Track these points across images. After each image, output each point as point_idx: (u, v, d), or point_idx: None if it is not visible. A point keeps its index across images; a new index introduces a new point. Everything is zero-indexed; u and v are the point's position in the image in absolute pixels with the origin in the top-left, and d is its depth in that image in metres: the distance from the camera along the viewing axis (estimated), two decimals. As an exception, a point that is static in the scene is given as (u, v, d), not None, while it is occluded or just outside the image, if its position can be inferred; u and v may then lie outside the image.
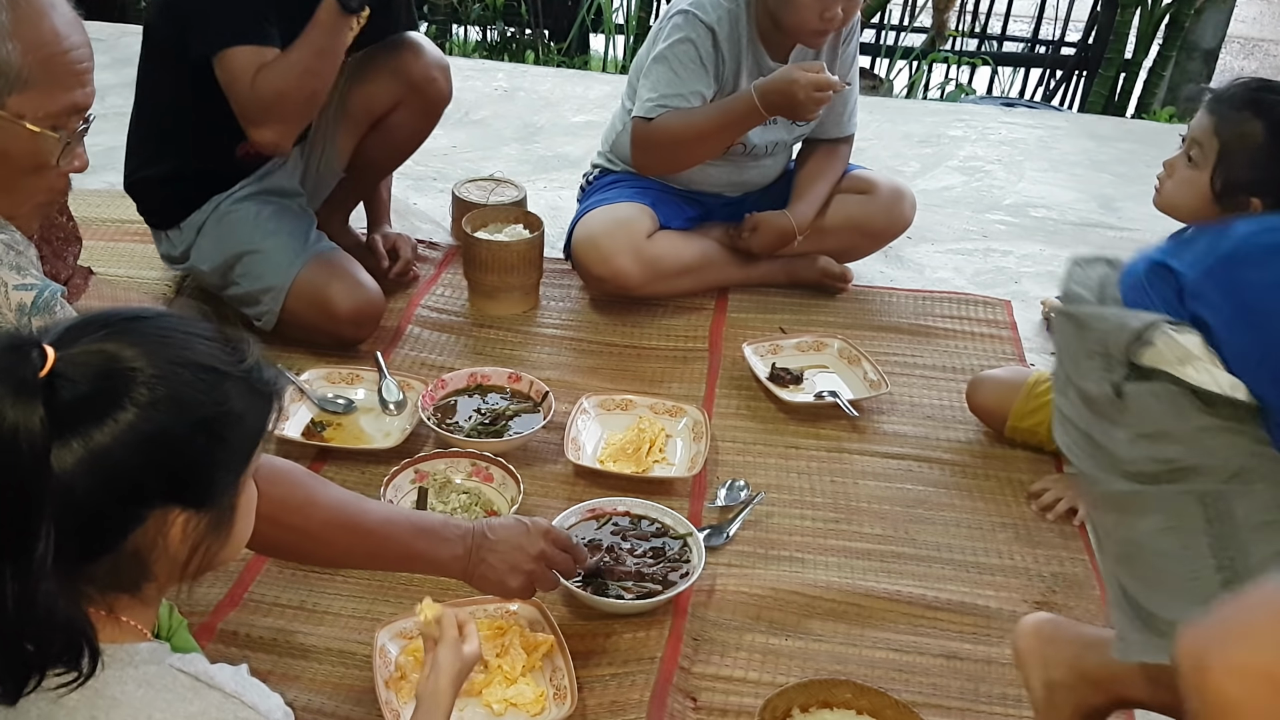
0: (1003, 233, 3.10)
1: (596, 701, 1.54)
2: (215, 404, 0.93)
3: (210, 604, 1.67)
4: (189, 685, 0.92)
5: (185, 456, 0.92)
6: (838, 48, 2.47)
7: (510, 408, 2.11)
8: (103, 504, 0.88)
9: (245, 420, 0.96)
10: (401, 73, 2.35)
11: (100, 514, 0.89)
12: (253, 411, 0.97)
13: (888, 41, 5.29)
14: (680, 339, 2.45)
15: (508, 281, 2.47)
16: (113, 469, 0.87)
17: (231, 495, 0.98)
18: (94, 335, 0.91)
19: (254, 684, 0.96)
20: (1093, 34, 5.21)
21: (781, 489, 2.01)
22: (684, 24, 2.31)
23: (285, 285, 2.20)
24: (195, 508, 0.93)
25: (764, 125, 2.41)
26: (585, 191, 2.64)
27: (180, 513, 0.92)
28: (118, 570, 0.92)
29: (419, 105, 2.38)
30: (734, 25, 2.33)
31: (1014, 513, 1.98)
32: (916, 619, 1.74)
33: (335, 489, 1.46)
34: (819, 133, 2.57)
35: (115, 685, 0.90)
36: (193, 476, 0.93)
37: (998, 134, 3.86)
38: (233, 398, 0.94)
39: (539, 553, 1.50)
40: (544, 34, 5.34)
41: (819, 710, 1.48)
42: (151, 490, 0.91)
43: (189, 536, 0.94)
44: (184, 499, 0.93)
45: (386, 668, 1.53)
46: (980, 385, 2.17)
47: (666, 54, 2.32)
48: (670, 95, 2.31)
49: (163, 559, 0.94)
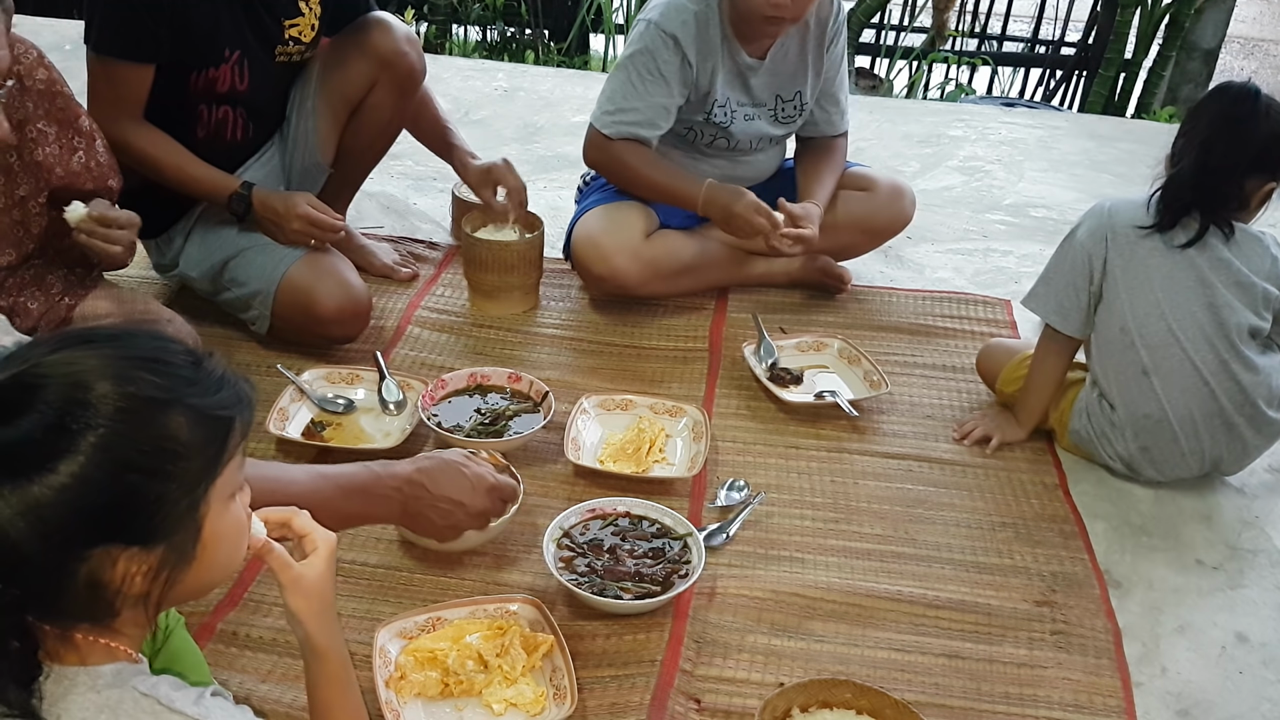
0: (1003, 233, 3.10)
1: (596, 703, 1.54)
2: (151, 441, 0.88)
3: (210, 604, 1.66)
4: (149, 710, 0.91)
5: (123, 498, 0.87)
6: (822, 50, 2.44)
7: (510, 408, 2.11)
8: (40, 550, 0.85)
9: (192, 449, 0.91)
10: (370, 51, 2.33)
11: (40, 558, 0.86)
12: (204, 439, 0.92)
13: (888, 41, 5.30)
14: (680, 339, 2.45)
15: (508, 281, 2.47)
16: (46, 518, 0.84)
17: (189, 525, 0.93)
18: (18, 370, 0.87)
19: (216, 705, 0.95)
20: (1093, 34, 5.22)
21: (781, 489, 2.00)
22: (645, 34, 2.29)
23: (272, 288, 2.20)
24: (140, 544, 0.89)
25: (745, 120, 2.43)
26: (583, 191, 2.65)
27: (122, 550, 0.89)
28: (77, 604, 0.90)
29: (392, 82, 2.36)
30: (702, 28, 2.30)
31: (1014, 512, 1.98)
32: (918, 619, 1.74)
33: (254, 463, 1.43)
34: (811, 130, 2.57)
35: (77, 710, 0.89)
36: (128, 515, 0.88)
37: (998, 134, 3.86)
38: (175, 429, 0.90)
39: (479, 512, 1.52)
40: (544, 34, 5.34)
41: (819, 710, 1.48)
42: (86, 535, 0.87)
43: (139, 573, 0.90)
44: (123, 537, 0.89)
45: (386, 668, 1.53)
46: (988, 350, 2.32)
47: (626, 64, 2.31)
48: (627, 109, 2.30)
49: (120, 594, 0.90)
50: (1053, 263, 2.09)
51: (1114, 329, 2.00)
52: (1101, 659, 1.69)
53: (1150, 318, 1.96)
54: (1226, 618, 1.81)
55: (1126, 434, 2.01)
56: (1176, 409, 1.96)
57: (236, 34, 2.15)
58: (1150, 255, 1.97)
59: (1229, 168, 1.91)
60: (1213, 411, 1.96)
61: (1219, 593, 1.86)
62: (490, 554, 1.80)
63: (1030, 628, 1.73)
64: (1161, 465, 2.03)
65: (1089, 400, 2.07)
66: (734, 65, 2.38)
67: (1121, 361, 2.00)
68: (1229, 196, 1.94)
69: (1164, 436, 1.99)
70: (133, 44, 2.05)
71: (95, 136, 1.93)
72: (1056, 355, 2.10)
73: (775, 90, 2.45)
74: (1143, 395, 1.98)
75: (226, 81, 2.17)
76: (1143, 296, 1.96)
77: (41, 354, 0.89)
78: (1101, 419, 2.05)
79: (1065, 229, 3.03)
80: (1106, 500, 2.04)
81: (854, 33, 5.03)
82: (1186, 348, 1.94)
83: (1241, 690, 1.67)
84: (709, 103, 2.40)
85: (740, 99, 2.43)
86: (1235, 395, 1.95)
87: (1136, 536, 1.97)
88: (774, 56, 2.40)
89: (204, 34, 2.11)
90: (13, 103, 1.72)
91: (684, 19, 2.29)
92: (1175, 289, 1.95)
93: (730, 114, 2.43)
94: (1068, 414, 2.11)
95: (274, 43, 2.22)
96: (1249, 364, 1.95)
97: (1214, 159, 1.90)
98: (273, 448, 2.02)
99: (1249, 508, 2.06)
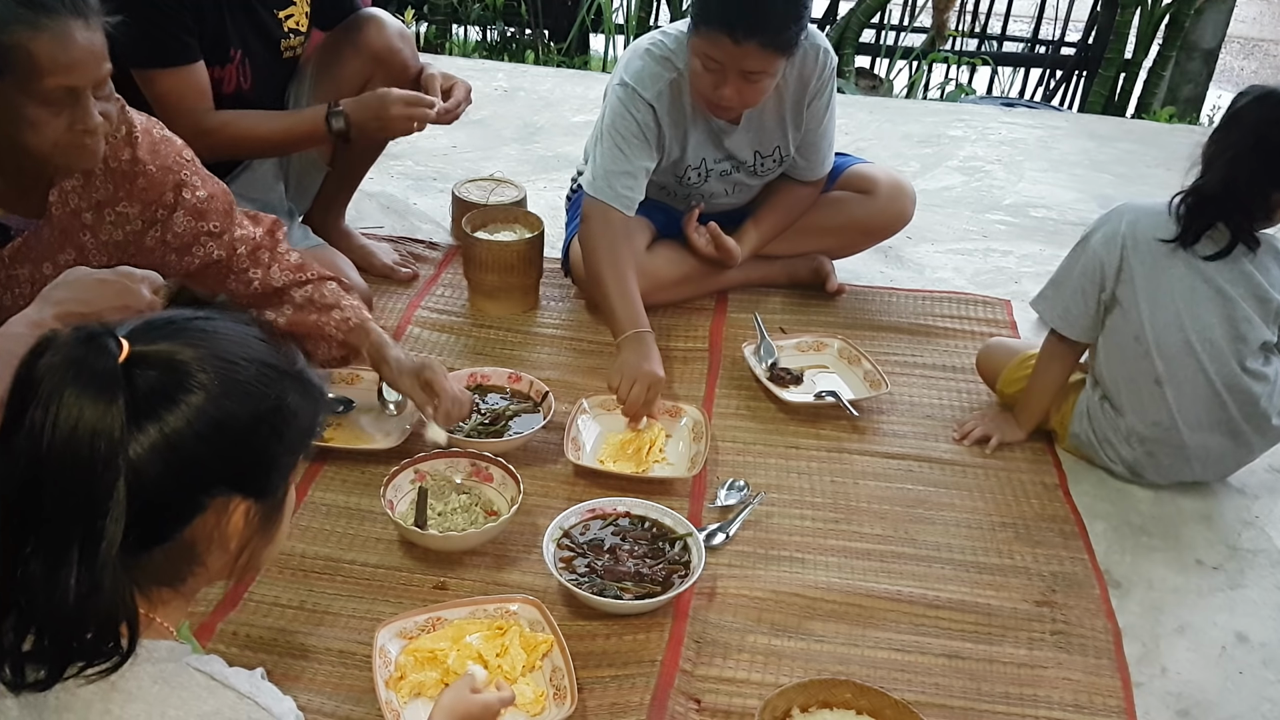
0: (1003, 233, 3.10)
1: (596, 703, 1.54)
2: (275, 397, 0.97)
3: (210, 604, 1.67)
4: (204, 684, 0.92)
5: (249, 445, 0.95)
6: (802, 107, 2.36)
7: (510, 408, 2.11)
8: (171, 490, 0.91)
9: (299, 416, 0.99)
10: (364, 48, 2.33)
11: (167, 500, 0.91)
12: (304, 409, 1.00)
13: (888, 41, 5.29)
14: (680, 339, 2.45)
15: (508, 281, 2.46)
16: (183, 455, 0.90)
17: (282, 491, 1.01)
18: (160, 330, 0.95)
19: (268, 687, 0.97)
20: (1093, 34, 5.21)
21: (781, 489, 2.00)
22: (625, 98, 2.25)
23: None
24: (255, 497, 0.97)
25: (722, 175, 2.41)
26: (573, 203, 2.59)
27: (241, 501, 0.96)
28: (171, 560, 0.95)
29: (386, 78, 2.35)
30: (675, 96, 2.26)
31: (1014, 513, 1.98)
32: (918, 619, 1.74)
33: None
34: (791, 173, 2.51)
35: (132, 680, 0.90)
36: (254, 465, 0.97)
37: (998, 134, 3.86)
38: (289, 393, 0.98)
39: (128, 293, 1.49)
40: (544, 34, 5.34)
41: (819, 710, 1.48)
42: (217, 477, 0.94)
43: (245, 527, 0.97)
44: (245, 487, 0.96)
45: (386, 668, 1.53)
46: (988, 350, 2.32)
47: (609, 130, 2.26)
48: (616, 172, 2.24)
49: (216, 550, 0.97)
50: (1064, 267, 2.08)
51: (1127, 337, 1.98)
52: (1101, 659, 1.69)
53: (1169, 329, 1.94)
54: (1226, 618, 1.81)
55: (1133, 440, 2.01)
56: (1187, 418, 1.96)
57: (239, 33, 2.15)
58: (1173, 266, 1.94)
59: (1260, 184, 1.88)
60: (1222, 420, 1.96)
61: (1219, 593, 1.86)
62: (490, 554, 1.80)
63: (1030, 628, 1.73)
64: (1166, 470, 2.03)
65: (1090, 403, 2.07)
66: (708, 128, 2.34)
67: (1134, 370, 1.98)
68: (1256, 210, 1.91)
69: (1171, 444, 1.99)
70: (177, 49, 2.05)
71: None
72: (1061, 359, 2.09)
73: (754, 147, 2.40)
74: (1154, 403, 1.97)
75: (232, 82, 2.18)
76: (1163, 307, 1.94)
77: (169, 321, 0.97)
78: (1104, 423, 2.04)
79: (1065, 229, 3.04)
80: (1106, 500, 2.04)
81: (854, 33, 5.03)
82: (1202, 359, 1.93)
83: (1241, 690, 1.67)
84: (681, 167, 2.38)
85: (716, 155, 2.39)
86: (1246, 406, 1.95)
87: (1136, 537, 1.97)
88: (749, 118, 2.34)
89: (213, 33, 2.11)
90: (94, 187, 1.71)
91: (660, 88, 2.24)
92: (1196, 301, 1.93)
93: (705, 174, 2.40)
94: (1069, 416, 2.10)
95: (276, 38, 2.22)
96: (1260, 375, 1.95)
97: (1244, 174, 1.87)
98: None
99: (1249, 508, 2.06)
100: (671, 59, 2.24)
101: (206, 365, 0.92)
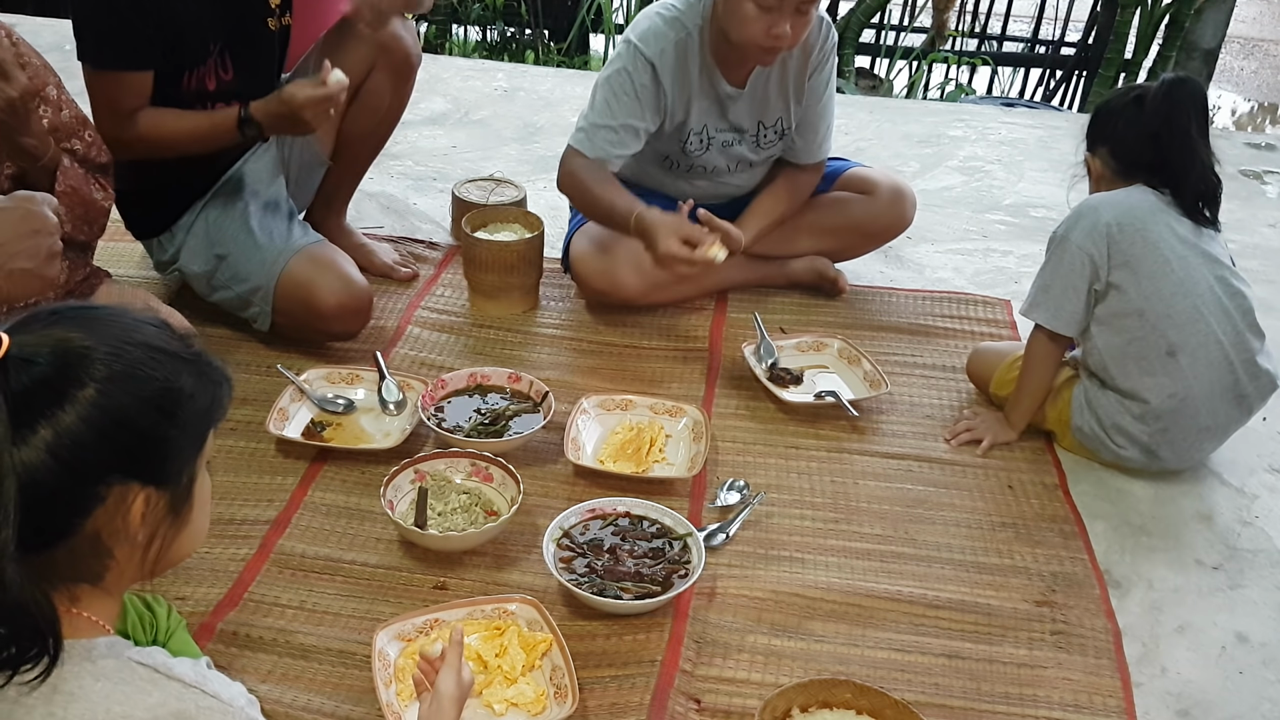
0: (1003, 233, 3.10)
1: (596, 703, 1.54)
2: (166, 380, 0.94)
3: (210, 604, 1.67)
4: (148, 677, 0.91)
5: (140, 431, 0.93)
6: (804, 78, 2.38)
7: (510, 408, 2.11)
8: (63, 482, 0.88)
9: (195, 399, 0.97)
10: (368, 36, 2.32)
11: (61, 492, 0.89)
12: (202, 393, 0.98)
13: (888, 41, 5.30)
14: (680, 339, 2.45)
15: (508, 281, 2.46)
16: (72, 446, 0.88)
17: (189, 476, 0.99)
18: (43, 322, 0.92)
19: (214, 675, 0.97)
20: (1093, 34, 5.22)
21: (781, 489, 2.01)
22: (625, 54, 2.27)
23: (272, 284, 2.19)
24: (155, 484, 0.95)
25: (724, 146, 2.41)
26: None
27: (139, 489, 0.93)
28: (79, 555, 0.93)
29: (389, 66, 2.37)
30: (681, 55, 2.27)
31: (1014, 513, 1.98)
32: (918, 619, 1.74)
33: None
34: (789, 155, 2.51)
35: (73, 680, 0.89)
36: (149, 451, 0.94)
37: (998, 134, 3.86)
38: (183, 377, 0.96)
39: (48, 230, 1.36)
40: (544, 34, 5.35)
41: (819, 710, 1.48)
42: (110, 466, 0.91)
43: (148, 516, 0.95)
44: (141, 475, 0.93)
45: (385, 670, 1.53)
46: (978, 354, 2.34)
47: (604, 82, 2.29)
48: (600, 125, 2.27)
49: (123, 541, 0.94)
50: (1047, 271, 2.08)
51: (1129, 318, 1.99)
52: (1101, 659, 1.69)
53: (1176, 297, 1.97)
54: (1226, 618, 1.81)
55: (1148, 418, 2.02)
56: (1202, 384, 1.99)
57: (217, 23, 2.12)
58: (1161, 239, 1.98)
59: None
60: (1229, 385, 2.00)
61: (1219, 593, 1.86)
62: (490, 554, 1.80)
63: (1030, 628, 1.73)
64: (1180, 449, 2.05)
65: (1090, 394, 2.07)
66: (713, 94, 2.34)
67: (1143, 347, 2.00)
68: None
69: (1187, 414, 2.00)
70: (128, 52, 2.03)
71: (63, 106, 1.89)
72: (1051, 356, 2.11)
73: (757, 116, 2.40)
74: (1169, 375, 1.99)
75: (212, 78, 2.17)
76: (1164, 279, 1.97)
77: (53, 312, 0.94)
78: (1112, 410, 2.04)
79: (1065, 229, 3.01)
80: (1106, 500, 2.05)
81: (854, 33, 5.04)
82: (1210, 322, 1.97)
83: (1241, 690, 1.67)
84: (684, 132, 2.37)
85: (719, 125, 2.39)
86: (1250, 366, 2.00)
87: (1136, 536, 1.97)
88: (754, 84, 2.35)
89: (190, 29, 2.07)
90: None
91: (663, 46, 2.25)
92: (1190, 267, 1.97)
93: (707, 142, 2.40)
94: (1067, 412, 2.11)
95: (262, 15, 2.20)
96: (1259, 332, 2.02)
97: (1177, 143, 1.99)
98: (272, 447, 2.02)
99: (1249, 508, 2.06)
100: (681, 19, 2.27)
101: (92, 353, 0.90)
